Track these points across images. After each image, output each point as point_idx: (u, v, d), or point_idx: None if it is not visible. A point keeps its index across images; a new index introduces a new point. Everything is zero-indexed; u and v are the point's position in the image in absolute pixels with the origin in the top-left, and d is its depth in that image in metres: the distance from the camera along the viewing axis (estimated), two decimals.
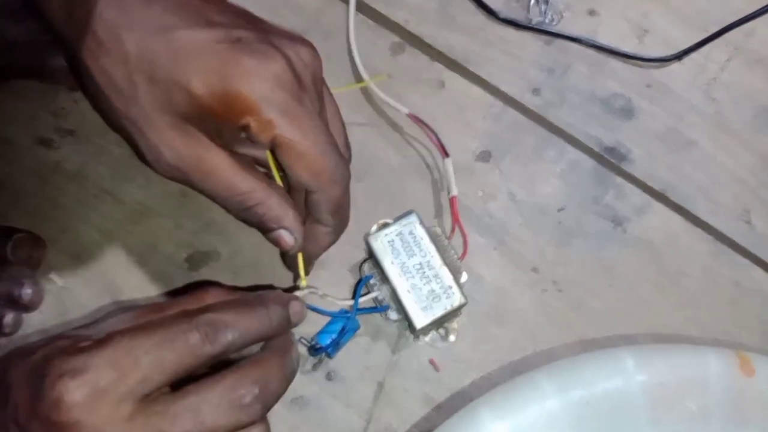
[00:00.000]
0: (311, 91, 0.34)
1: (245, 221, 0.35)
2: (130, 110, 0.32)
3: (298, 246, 0.36)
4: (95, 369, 0.27)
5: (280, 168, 0.35)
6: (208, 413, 0.28)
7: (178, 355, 0.28)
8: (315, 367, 0.42)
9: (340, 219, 0.37)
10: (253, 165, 0.36)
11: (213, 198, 0.34)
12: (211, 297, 0.32)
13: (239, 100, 0.31)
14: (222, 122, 0.32)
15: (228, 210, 0.35)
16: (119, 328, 0.30)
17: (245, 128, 0.32)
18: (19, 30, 0.46)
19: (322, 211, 0.35)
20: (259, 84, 0.32)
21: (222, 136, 0.34)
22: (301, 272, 0.38)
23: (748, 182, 0.48)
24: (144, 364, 0.28)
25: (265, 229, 0.35)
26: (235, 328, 0.30)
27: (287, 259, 0.42)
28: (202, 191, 0.35)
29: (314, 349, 0.41)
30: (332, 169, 0.34)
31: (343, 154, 0.35)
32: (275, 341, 0.33)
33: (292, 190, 0.37)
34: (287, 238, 0.35)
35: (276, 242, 0.35)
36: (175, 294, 0.44)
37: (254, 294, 0.33)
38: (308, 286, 0.38)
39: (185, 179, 0.34)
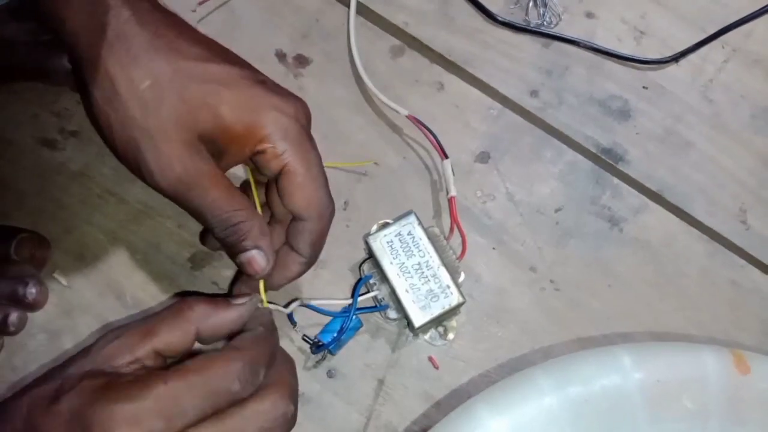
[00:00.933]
0: (310, 135, 0.37)
1: (223, 240, 0.36)
2: (148, 120, 0.34)
3: (267, 270, 0.36)
4: (147, 420, 0.28)
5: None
6: None
7: (220, 402, 0.30)
8: (317, 364, 0.43)
9: (315, 253, 0.39)
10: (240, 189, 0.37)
11: (202, 213, 0.35)
12: (195, 313, 0.33)
13: (261, 128, 0.35)
14: (237, 146, 0.35)
15: (212, 226, 0.36)
16: (119, 353, 0.31)
17: (259, 153, 0.35)
18: (21, 30, 0.47)
19: (303, 240, 0.37)
20: (281, 118, 0.35)
21: (221, 160, 0.36)
22: (264, 298, 0.36)
23: (746, 183, 0.48)
24: (190, 414, 0.29)
25: (240, 248, 0.36)
26: (264, 366, 0.32)
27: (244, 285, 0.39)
28: (195, 207, 0.35)
29: (317, 347, 0.42)
30: (325, 202, 0.37)
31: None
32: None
33: (271, 222, 0.39)
34: (260, 259, 0.36)
35: (247, 263, 0.36)
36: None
37: (246, 310, 0.34)
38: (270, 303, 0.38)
39: (184, 193, 0.35)
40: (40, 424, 0.29)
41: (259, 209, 0.38)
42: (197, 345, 0.33)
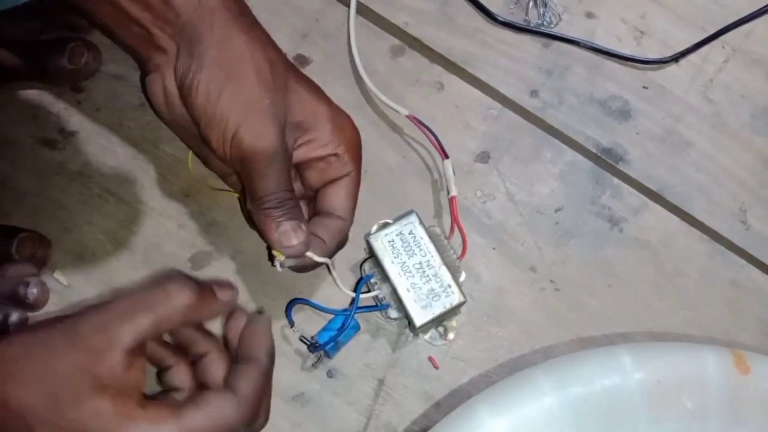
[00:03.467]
0: None
1: (265, 211, 0.38)
2: (258, 97, 0.37)
3: (302, 247, 0.39)
4: None
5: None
6: None
7: None
8: (315, 365, 0.43)
9: (338, 247, 0.42)
10: None
11: (262, 182, 0.38)
12: (175, 289, 0.33)
13: (345, 136, 0.41)
14: (319, 144, 0.40)
15: (264, 194, 0.38)
16: (109, 349, 0.31)
17: (334, 156, 0.40)
18: (21, 30, 0.47)
19: (332, 235, 0.41)
20: (357, 135, 0.42)
21: (300, 149, 0.40)
22: (281, 258, 0.40)
23: (746, 183, 0.48)
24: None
25: (284, 218, 0.38)
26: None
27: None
28: (259, 176, 0.38)
29: (313, 347, 0.42)
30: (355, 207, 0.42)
31: None
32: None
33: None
34: (300, 233, 0.38)
35: (286, 233, 0.38)
36: None
37: (231, 305, 0.36)
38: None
39: (258, 162, 0.37)
40: (63, 410, 0.30)
41: None
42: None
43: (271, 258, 0.40)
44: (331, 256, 0.41)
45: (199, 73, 0.37)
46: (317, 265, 0.41)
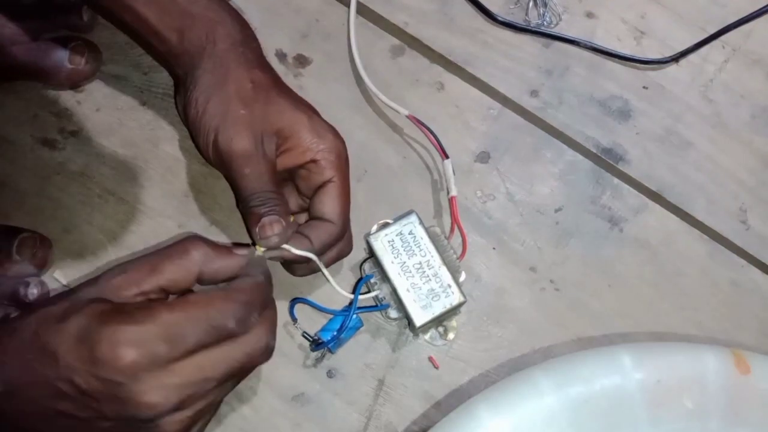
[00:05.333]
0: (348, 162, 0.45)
1: (250, 209, 0.40)
2: (238, 109, 0.41)
3: (279, 238, 0.40)
4: (151, 342, 0.31)
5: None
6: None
7: (216, 335, 0.33)
8: (317, 363, 0.43)
9: (323, 250, 0.42)
10: None
11: (239, 183, 0.41)
12: (199, 255, 0.36)
13: (322, 144, 0.42)
14: (300, 151, 0.42)
15: (242, 196, 0.41)
16: (126, 285, 0.34)
17: (314, 162, 0.42)
18: (20, 30, 0.47)
19: (319, 238, 0.41)
20: (336, 142, 0.43)
21: (284, 155, 0.42)
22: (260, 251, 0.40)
23: (746, 183, 0.48)
24: (190, 342, 0.32)
25: (263, 214, 0.40)
26: (258, 310, 0.35)
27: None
28: (235, 177, 0.41)
29: (316, 344, 0.42)
30: (348, 215, 0.43)
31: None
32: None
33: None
34: (277, 226, 0.40)
35: (267, 225, 0.40)
36: None
37: (245, 261, 0.38)
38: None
39: (230, 164, 0.41)
40: (49, 341, 0.31)
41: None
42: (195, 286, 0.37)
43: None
44: (319, 255, 0.42)
45: (194, 92, 0.42)
46: (306, 263, 0.41)
